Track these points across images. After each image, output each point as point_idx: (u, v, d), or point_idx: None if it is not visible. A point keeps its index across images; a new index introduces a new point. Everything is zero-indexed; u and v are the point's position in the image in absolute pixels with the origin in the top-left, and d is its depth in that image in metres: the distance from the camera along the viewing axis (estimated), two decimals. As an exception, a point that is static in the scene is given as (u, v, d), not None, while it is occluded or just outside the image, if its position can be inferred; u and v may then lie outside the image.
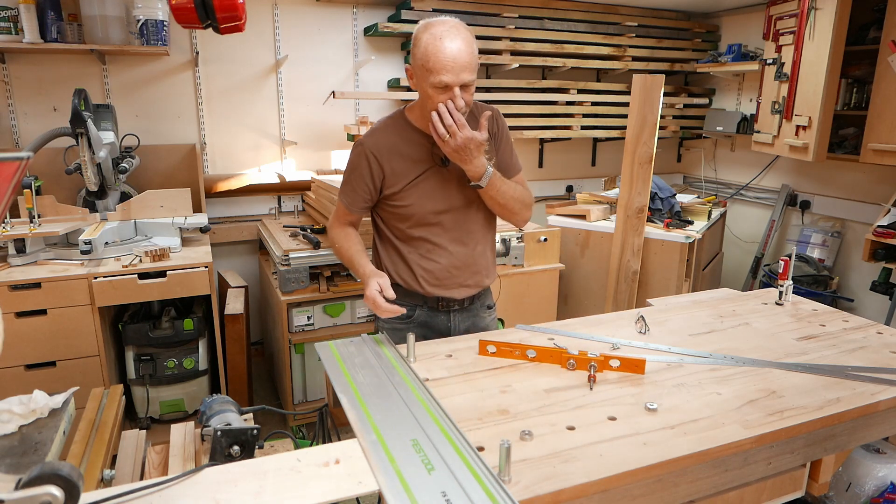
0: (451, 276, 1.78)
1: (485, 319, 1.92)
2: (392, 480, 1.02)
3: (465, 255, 1.79)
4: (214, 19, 1.89)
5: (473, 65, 1.55)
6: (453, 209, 1.74)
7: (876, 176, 3.65)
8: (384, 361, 1.50)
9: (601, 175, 4.51)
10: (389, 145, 1.70)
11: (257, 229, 3.45)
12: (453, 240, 1.76)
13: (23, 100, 3.03)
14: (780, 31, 3.62)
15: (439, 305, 1.80)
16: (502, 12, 3.71)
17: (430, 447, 1.11)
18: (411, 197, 1.71)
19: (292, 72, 3.51)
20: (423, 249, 1.76)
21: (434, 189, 1.72)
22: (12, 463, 1.05)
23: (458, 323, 1.85)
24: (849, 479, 1.87)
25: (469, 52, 1.53)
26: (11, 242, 2.45)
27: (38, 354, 2.41)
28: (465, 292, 1.81)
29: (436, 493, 0.99)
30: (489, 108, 1.81)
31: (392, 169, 1.69)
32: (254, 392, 3.29)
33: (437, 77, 1.52)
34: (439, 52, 1.50)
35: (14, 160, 0.80)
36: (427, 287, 1.77)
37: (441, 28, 1.52)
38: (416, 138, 1.71)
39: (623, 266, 3.27)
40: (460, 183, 1.73)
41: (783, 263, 2.01)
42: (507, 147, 1.84)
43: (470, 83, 1.56)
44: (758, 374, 1.45)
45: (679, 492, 1.16)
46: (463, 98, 1.55)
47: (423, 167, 1.70)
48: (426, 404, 1.27)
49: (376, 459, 1.08)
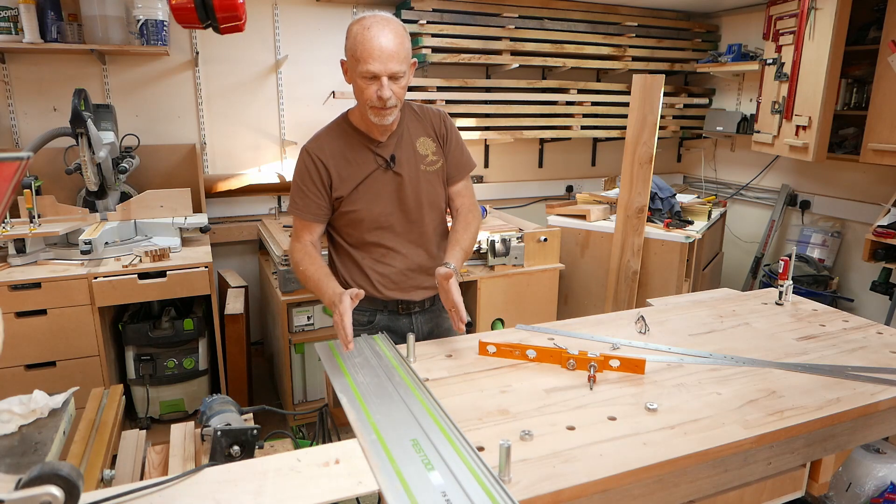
0: (408, 278, 1.76)
1: (447, 321, 1.87)
2: (392, 480, 1.02)
3: (421, 257, 1.77)
4: (214, 19, 1.89)
5: (402, 56, 1.54)
6: (403, 211, 1.73)
7: (876, 176, 3.65)
8: (384, 361, 1.50)
9: (601, 175, 4.51)
10: (333, 149, 1.68)
11: (257, 229, 3.45)
12: (407, 242, 1.75)
13: (23, 100, 3.03)
14: (780, 31, 3.62)
15: (399, 309, 1.79)
16: (502, 12, 3.71)
17: (430, 447, 1.12)
18: (360, 201, 1.69)
19: (292, 72, 3.51)
20: (377, 254, 1.74)
21: (381, 192, 1.70)
22: (12, 463, 1.05)
23: (421, 325, 1.83)
24: (849, 479, 1.87)
25: (397, 42, 1.53)
26: (11, 242, 2.45)
27: (38, 354, 2.41)
28: (423, 294, 1.79)
29: (436, 493, 0.99)
30: (436, 110, 1.81)
31: (338, 173, 1.67)
32: (254, 392, 3.29)
33: (364, 66, 1.51)
34: (367, 42, 1.50)
35: (14, 160, 0.80)
36: (384, 291, 1.75)
37: (371, 20, 1.53)
38: (358, 141, 1.69)
39: (623, 266, 3.27)
40: (409, 185, 1.71)
41: (783, 263, 2.01)
42: (457, 148, 1.82)
43: (399, 75, 1.55)
44: (758, 374, 1.45)
45: (679, 492, 1.16)
46: (391, 89, 1.54)
47: (368, 170, 1.68)
48: (426, 404, 1.27)
49: (376, 459, 1.08)
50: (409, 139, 1.73)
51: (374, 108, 1.57)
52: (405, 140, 1.72)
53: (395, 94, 1.55)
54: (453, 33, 3.56)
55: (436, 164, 1.76)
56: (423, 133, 1.76)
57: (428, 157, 1.75)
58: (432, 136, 1.77)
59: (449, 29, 3.55)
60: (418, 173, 1.73)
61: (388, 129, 1.68)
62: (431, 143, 1.76)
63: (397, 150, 1.70)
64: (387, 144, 1.69)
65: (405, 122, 1.73)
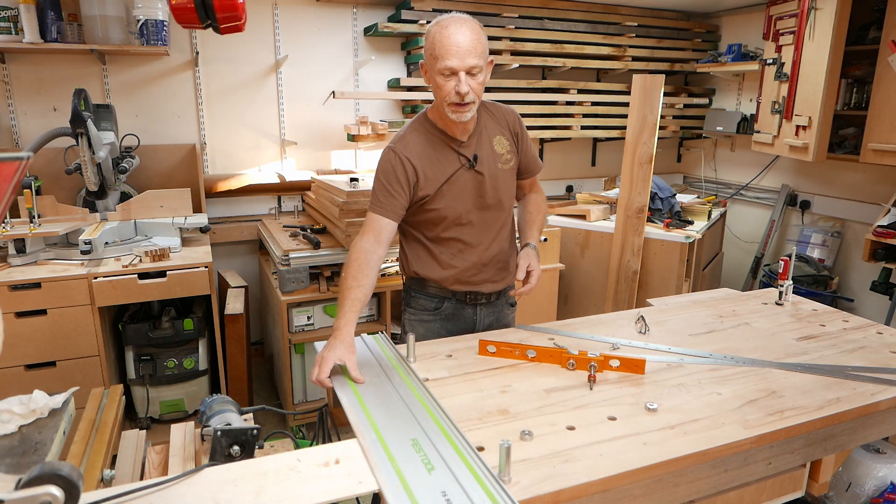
0: (480, 272, 1.81)
1: (508, 315, 1.95)
2: (392, 479, 1.02)
3: (494, 252, 1.81)
4: (214, 19, 1.89)
5: (479, 51, 1.57)
6: (482, 208, 1.76)
7: (876, 176, 3.65)
8: (384, 362, 1.50)
9: (601, 175, 4.51)
10: (419, 149, 1.71)
11: (257, 229, 3.45)
12: (484, 238, 1.79)
13: (23, 100, 3.03)
14: (780, 31, 3.62)
15: (467, 299, 1.83)
16: (502, 12, 3.71)
17: (430, 447, 1.12)
18: (444, 199, 1.72)
19: (292, 72, 3.51)
20: (455, 249, 1.78)
21: (464, 190, 1.73)
22: (12, 463, 1.05)
23: (484, 317, 1.87)
24: (849, 479, 1.87)
25: (474, 38, 1.56)
26: (11, 242, 2.45)
27: (38, 354, 2.41)
28: (491, 287, 1.84)
29: (436, 492, 0.99)
30: (509, 109, 1.84)
31: (424, 173, 1.70)
32: (254, 392, 3.29)
33: (442, 62, 1.55)
34: (444, 39, 1.55)
35: (14, 160, 0.80)
36: (457, 284, 1.80)
37: (449, 19, 1.58)
38: (441, 141, 1.72)
39: (623, 266, 3.27)
40: (489, 183, 1.75)
41: (783, 263, 2.02)
42: (528, 147, 1.88)
43: (476, 69, 1.57)
44: (758, 374, 1.45)
45: (679, 492, 1.16)
46: (469, 85, 1.56)
47: (452, 169, 1.72)
48: (426, 404, 1.28)
49: (376, 459, 1.08)
50: (488, 138, 1.77)
51: (452, 105, 1.60)
52: (484, 139, 1.76)
53: (472, 90, 1.58)
54: (453, 33, 3.56)
55: (510, 162, 1.81)
56: (499, 132, 1.80)
57: (504, 156, 1.79)
58: (507, 135, 1.81)
59: (449, 29, 3.54)
60: (497, 171, 1.77)
61: (467, 127, 1.71)
62: (506, 141, 1.80)
63: (478, 149, 1.74)
64: (468, 144, 1.73)
65: (482, 120, 1.76)
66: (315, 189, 3.32)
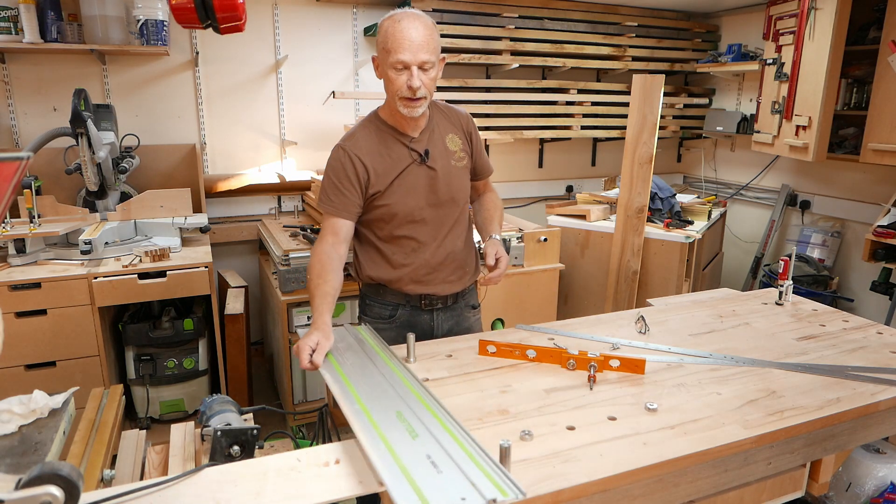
0: (435, 271, 1.78)
1: (468, 319, 1.91)
2: (378, 445, 1.09)
3: (449, 251, 1.79)
4: (214, 19, 1.89)
5: (432, 47, 1.58)
6: (436, 205, 1.75)
7: (876, 176, 3.65)
8: (366, 346, 1.57)
9: (601, 175, 4.51)
10: (369, 146, 1.70)
11: (257, 229, 3.45)
12: (437, 236, 1.77)
13: (23, 100, 3.03)
14: (780, 31, 3.62)
15: (422, 304, 1.80)
16: (502, 12, 3.71)
17: (413, 418, 1.19)
18: (395, 195, 1.70)
19: (292, 72, 3.51)
20: (408, 248, 1.75)
21: (416, 186, 1.72)
22: (12, 463, 1.05)
23: (442, 322, 1.84)
24: (849, 479, 1.87)
25: (427, 33, 1.57)
26: (11, 242, 2.45)
27: (38, 354, 2.41)
28: (448, 288, 1.81)
29: (421, 455, 1.06)
30: (462, 111, 1.84)
31: (375, 169, 1.69)
32: (254, 392, 3.29)
33: (395, 56, 1.55)
34: (398, 33, 1.55)
35: (14, 160, 0.80)
36: (411, 284, 1.77)
37: (401, 14, 1.58)
38: (392, 136, 1.72)
39: (623, 266, 3.27)
40: (442, 179, 1.74)
41: (783, 263, 2.01)
42: (481, 149, 1.89)
43: (429, 65, 1.58)
44: (758, 374, 1.45)
45: (679, 492, 1.16)
46: (420, 79, 1.57)
47: (403, 164, 1.71)
48: (407, 381, 1.35)
49: (361, 426, 1.15)
50: (440, 135, 1.77)
51: (403, 100, 1.60)
52: (436, 135, 1.76)
53: (424, 85, 1.58)
54: (453, 33, 3.56)
55: (463, 161, 1.81)
56: (452, 130, 1.80)
57: (457, 153, 1.79)
58: (459, 135, 1.81)
59: (449, 29, 3.55)
60: (450, 168, 1.76)
61: (419, 123, 1.71)
62: (459, 140, 1.80)
63: (430, 144, 1.73)
64: (420, 139, 1.72)
65: (434, 118, 1.77)
66: (315, 189, 3.32)
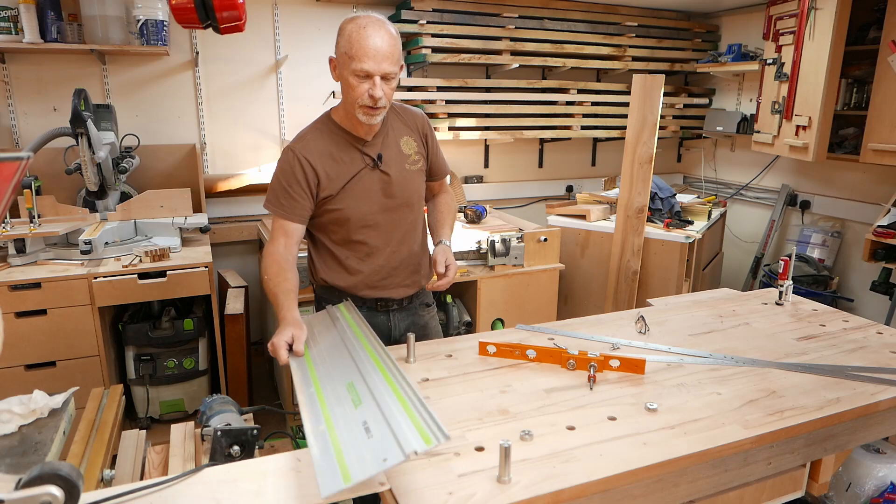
0: (390, 275, 1.77)
1: (424, 317, 1.90)
2: (318, 422, 1.13)
3: (404, 255, 1.78)
4: (214, 19, 1.89)
5: (395, 58, 1.57)
6: (388, 209, 1.73)
7: (876, 176, 3.65)
8: (340, 323, 1.62)
9: (601, 175, 4.51)
10: (320, 149, 1.67)
11: (257, 229, 3.45)
12: (392, 240, 1.76)
13: (23, 100, 3.03)
14: (780, 31, 3.62)
15: (378, 306, 1.80)
16: (502, 12, 3.71)
17: (362, 385, 1.24)
18: (347, 199, 1.68)
19: (292, 72, 3.51)
20: (362, 253, 1.74)
21: (369, 191, 1.70)
22: (12, 463, 1.05)
23: (398, 322, 1.84)
24: (849, 479, 1.87)
25: (391, 44, 1.55)
26: (11, 242, 2.45)
27: (38, 354, 2.41)
28: (403, 292, 1.81)
29: (357, 423, 1.10)
30: (418, 111, 1.82)
31: (326, 173, 1.66)
32: (254, 392, 3.29)
33: (358, 64, 1.53)
34: (363, 40, 1.52)
35: (14, 160, 0.80)
36: (367, 289, 1.76)
37: (366, 19, 1.55)
38: (344, 140, 1.69)
39: (623, 266, 3.27)
40: (395, 184, 1.72)
41: (783, 263, 2.01)
42: (437, 150, 1.87)
43: (391, 75, 1.57)
44: (758, 374, 1.45)
45: (679, 492, 1.16)
46: (382, 90, 1.55)
47: (356, 169, 1.69)
48: (367, 345, 1.43)
49: (309, 408, 1.19)
50: (394, 138, 1.74)
51: (363, 108, 1.58)
52: (390, 139, 1.73)
53: (385, 95, 1.57)
54: (453, 33, 3.56)
55: (418, 164, 1.79)
56: (406, 132, 1.77)
57: (411, 157, 1.77)
58: (415, 137, 1.79)
59: (449, 29, 3.55)
60: (404, 172, 1.74)
61: (373, 128, 1.68)
62: (414, 142, 1.78)
63: (383, 148, 1.71)
64: (373, 143, 1.70)
65: (389, 121, 1.74)
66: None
